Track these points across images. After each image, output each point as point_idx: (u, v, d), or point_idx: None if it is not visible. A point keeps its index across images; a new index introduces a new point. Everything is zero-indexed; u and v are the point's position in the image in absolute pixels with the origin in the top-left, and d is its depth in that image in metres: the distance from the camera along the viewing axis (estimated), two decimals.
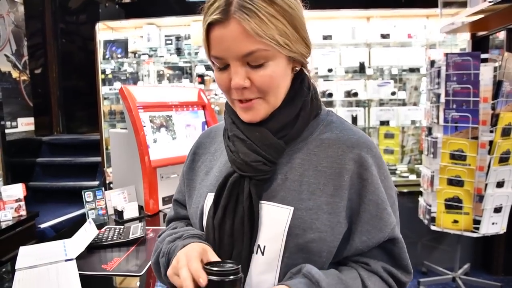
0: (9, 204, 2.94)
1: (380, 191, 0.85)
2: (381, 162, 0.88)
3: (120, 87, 2.18)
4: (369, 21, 4.14)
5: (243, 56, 0.78)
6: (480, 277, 3.37)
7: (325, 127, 0.90)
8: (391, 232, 0.86)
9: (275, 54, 0.79)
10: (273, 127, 0.85)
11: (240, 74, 0.79)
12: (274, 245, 0.83)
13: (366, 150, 0.86)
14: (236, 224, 0.85)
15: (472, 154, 2.85)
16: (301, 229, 0.81)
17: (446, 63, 2.93)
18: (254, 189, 0.84)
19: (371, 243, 0.85)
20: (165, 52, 4.22)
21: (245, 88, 0.80)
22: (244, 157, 0.85)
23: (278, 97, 0.84)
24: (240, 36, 0.76)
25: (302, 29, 0.82)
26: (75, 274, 1.35)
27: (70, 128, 5.46)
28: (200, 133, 1.14)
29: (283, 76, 0.83)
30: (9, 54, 4.37)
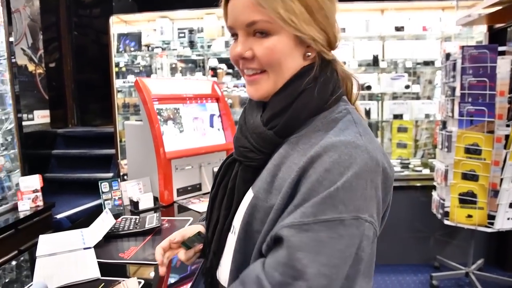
0: (27, 195, 3.00)
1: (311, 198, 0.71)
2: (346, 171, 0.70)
3: (135, 80, 2.20)
4: (383, 14, 4.10)
5: (246, 25, 0.80)
6: (494, 273, 3.34)
7: (324, 125, 0.80)
8: (280, 230, 0.71)
9: (278, 29, 0.78)
10: (265, 116, 0.84)
11: (243, 44, 0.82)
12: (238, 227, 0.85)
13: (331, 153, 0.72)
14: (224, 201, 0.91)
15: (488, 148, 2.83)
16: (253, 217, 0.81)
17: (462, 56, 2.90)
18: (242, 173, 0.88)
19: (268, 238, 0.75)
20: (178, 45, 4.24)
21: (248, 59, 0.82)
22: (236, 142, 0.90)
23: (281, 76, 0.82)
24: (246, 6, 0.78)
25: (318, 14, 0.79)
26: (94, 262, 1.38)
27: (85, 121, 5.53)
28: (208, 126, 1.20)
29: (287, 55, 0.81)
30: (25, 48, 4.42)
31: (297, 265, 0.68)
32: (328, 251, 0.69)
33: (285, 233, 0.70)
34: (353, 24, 3.98)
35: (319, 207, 0.69)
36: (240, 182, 0.87)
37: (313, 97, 0.82)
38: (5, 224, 2.81)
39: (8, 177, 3.19)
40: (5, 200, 3.10)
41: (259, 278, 0.71)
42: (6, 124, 3.24)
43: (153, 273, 1.36)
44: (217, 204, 0.93)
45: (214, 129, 2.42)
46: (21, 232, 2.89)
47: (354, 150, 0.72)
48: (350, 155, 0.71)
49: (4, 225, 2.79)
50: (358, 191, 0.70)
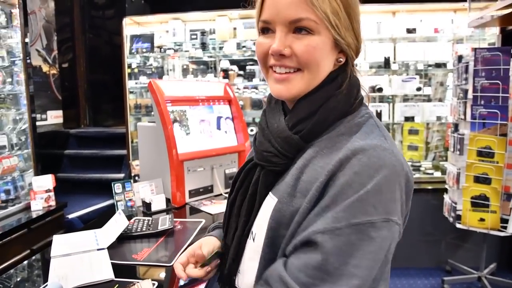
0: (40, 194, 3.04)
1: (341, 201, 0.71)
2: (375, 174, 0.71)
3: (149, 81, 2.22)
4: (394, 16, 4.09)
5: (291, 21, 0.78)
6: (506, 277, 3.31)
7: (347, 129, 0.81)
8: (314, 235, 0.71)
9: (322, 30, 0.78)
10: (290, 121, 0.84)
11: (282, 40, 0.79)
12: (261, 233, 0.84)
13: (360, 156, 0.72)
14: (243, 207, 0.91)
15: (501, 151, 2.80)
16: (277, 222, 0.80)
17: (475, 58, 2.88)
18: (263, 178, 0.86)
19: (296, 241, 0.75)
20: (190, 47, 4.26)
21: (284, 56, 0.80)
22: (259, 146, 0.88)
23: (315, 77, 0.82)
24: (295, 1, 0.77)
25: (355, 20, 0.82)
26: (108, 263, 1.39)
27: (97, 121, 5.58)
28: (215, 128, 1.19)
29: (325, 57, 0.81)
30: (40, 49, 4.49)
31: (329, 268, 0.69)
32: (359, 254, 0.69)
33: (319, 239, 0.70)
34: (364, 26, 3.88)
35: (351, 210, 0.70)
36: (262, 187, 0.86)
37: (340, 102, 0.83)
38: (17, 223, 2.85)
39: (21, 177, 3.23)
40: (18, 200, 3.14)
41: (283, 278, 0.72)
42: (20, 124, 3.29)
43: (159, 276, 1.38)
44: (236, 210, 0.92)
45: (221, 132, 2.41)
46: (33, 231, 2.92)
47: (382, 153, 0.73)
48: (379, 157, 0.72)
49: (17, 225, 2.82)
50: (388, 193, 0.71)
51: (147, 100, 4.48)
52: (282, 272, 0.73)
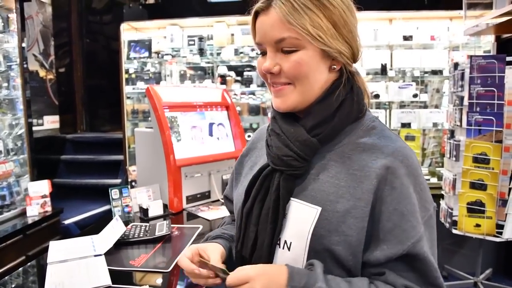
0: (35, 200, 3.03)
1: (408, 202, 0.82)
2: (417, 173, 0.85)
3: (146, 87, 2.23)
4: (391, 23, 4.12)
5: (275, 42, 0.84)
6: (502, 283, 3.31)
7: (364, 132, 0.89)
8: (413, 247, 0.80)
9: (306, 44, 0.82)
10: (307, 124, 0.87)
11: (271, 59, 0.86)
12: (300, 242, 0.85)
13: (401, 158, 0.84)
14: (263, 215, 0.90)
15: (496, 158, 2.82)
16: (326, 230, 0.83)
17: (470, 65, 2.90)
18: (284, 183, 0.88)
19: (390, 254, 0.81)
20: (187, 53, 4.27)
21: (275, 73, 0.86)
22: (277, 151, 0.89)
23: (308, 89, 0.86)
24: (275, 23, 0.82)
25: (343, 28, 0.84)
26: (105, 269, 1.39)
27: (94, 126, 5.57)
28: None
29: (314, 68, 0.84)
30: (37, 54, 4.49)
31: (432, 266, 0.82)
32: (433, 243, 0.85)
33: (418, 248, 0.81)
34: (361, 33, 3.89)
35: (422, 210, 0.84)
36: (284, 192, 0.87)
37: (353, 107, 0.89)
38: (13, 229, 2.83)
39: (17, 182, 3.21)
40: (14, 205, 3.12)
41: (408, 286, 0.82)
42: (16, 129, 3.28)
43: (156, 282, 1.37)
44: (254, 219, 0.91)
45: (213, 138, 2.39)
46: (29, 237, 2.91)
47: (412, 153, 0.87)
48: (412, 158, 0.86)
49: (12, 231, 2.81)
50: (427, 186, 0.87)
51: (144, 106, 4.48)
52: (405, 281, 0.82)
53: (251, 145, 1.13)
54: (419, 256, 0.81)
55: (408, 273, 0.82)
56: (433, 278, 0.82)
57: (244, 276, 0.80)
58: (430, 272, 0.82)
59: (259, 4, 0.85)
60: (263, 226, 0.89)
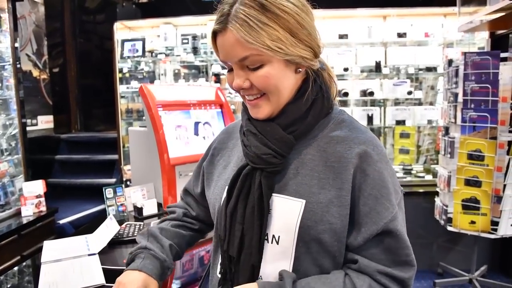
0: (30, 200, 3.01)
1: (381, 186, 0.87)
2: (387, 160, 0.92)
3: (140, 86, 2.21)
4: (385, 20, 4.12)
5: (239, 60, 0.86)
6: (497, 279, 3.34)
7: (336, 126, 0.94)
8: (386, 225, 0.86)
9: (269, 58, 0.85)
10: (282, 123, 0.91)
11: (240, 76, 0.88)
12: (288, 235, 0.89)
13: (372, 147, 0.90)
14: (247, 213, 0.91)
15: (490, 155, 2.83)
16: (312, 221, 0.87)
17: (465, 62, 2.90)
18: (265, 180, 0.90)
19: (367, 235, 0.86)
20: (181, 51, 4.26)
21: (247, 88, 0.89)
22: (256, 150, 0.91)
23: (280, 97, 0.89)
24: (234, 44, 0.84)
25: (301, 33, 0.85)
26: (99, 268, 1.38)
27: (88, 126, 5.55)
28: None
29: (281, 78, 0.87)
30: (30, 54, 4.46)
31: (408, 244, 0.89)
32: (404, 223, 0.91)
33: (392, 226, 0.86)
34: (355, 30, 4.00)
35: (393, 194, 0.89)
36: (266, 189, 0.90)
37: (323, 104, 0.94)
38: (8, 229, 2.82)
39: (12, 182, 3.19)
40: (8, 206, 3.10)
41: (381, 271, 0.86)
42: (10, 129, 3.26)
43: None
44: (239, 218, 0.92)
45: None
46: (24, 237, 2.89)
47: (379, 142, 0.93)
48: (381, 146, 0.92)
49: (7, 231, 2.79)
50: (395, 173, 0.93)
51: (138, 105, 4.47)
52: (377, 266, 0.86)
53: (221, 145, 1.13)
54: (393, 233, 0.86)
55: (380, 255, 0.87)
56: (405, 255, 0.88)
57: None
58: (402, 250, 0.88)
59: (215, 26, 0.87)
60: (249, 223, 0.90)
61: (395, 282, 0.87)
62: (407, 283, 0.88)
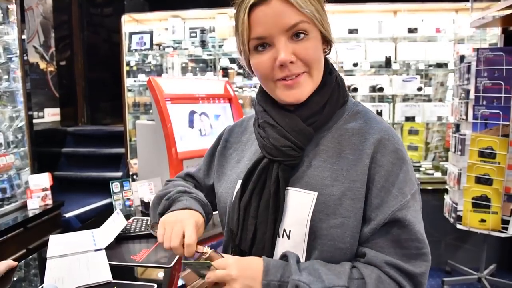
0: (36, 193, 3.01)
1: (394, 178, 0.84)
2: (403, 151, 0.88)
3: (148, 79, 2.19)
4: (396, 15, 4.07)
5: (288, 28, 0.82)
6: (506, 278, 3.29)
7: (350, 117, 0.92)
8: (394, 213, 0.82)
9: (313, 29, 0.84)
10: (303, 114, 0.88)
11: (285, 50, 0.82)
12: (299, 229, 0.86)
13: (387, 137, 0.87)
14: (261, 207, 0.89)
15: (502, 152, 2.78)
16: (324, 214, 0.84)
17: (477, 58, 2.85)
18: (282, 173, 0.88)
19: (374, 225, 0.83)
20: (189, 45, 4.23)
21: (292, 63, 0.83)
22: (274, 142, 0.88)
23: (320, 73, 0.89)
24: (284, 10, 0.81)
25: (325, 15, 0.88)
26: (105, 264, 1.36)
27: (95, 119, 5.55)
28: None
29: (320, 52, 0.88)
30: (37, 46, 4.45)
31: (419, 236, 0.83)
32: (420, 216, 0.87)
33: (400, 215, 0.82)
34: (365, 25, 3.95)
35: (406, 184, 0.85)
36: (283, 183, 0.87)
37: (340, 94, 0.92)
38: (14, 222, 2.82)
39: (18, 175, 3.19)
40: (14, 198, 3.10)
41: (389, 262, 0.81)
42: (16, 122, 3.25)
43: (158, 276, 1.34)
44: (253, 212, 0.90)
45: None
46: (30, 230, 2.89)
47: (395, 132, 0.89)
48: (397, 136, 0.88)
49: (13, 224, 2.79)
50: (411, 164, 0.89)
51: (145, 98, 4.45)
52: (385, 257, 0.82)
53: (234, 139, 1.10)
54: (401, 222, 0.82)
55: (389, 248, 0.83)
56: (415, 248, 0.83)
57: (225, 276, 0.79)
58: (411, 242, 0.82)
59: None
60: (263, 218, 0.88)
61: (406, 277, 0.81)
62: (419, 280, 0.82)
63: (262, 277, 0.79)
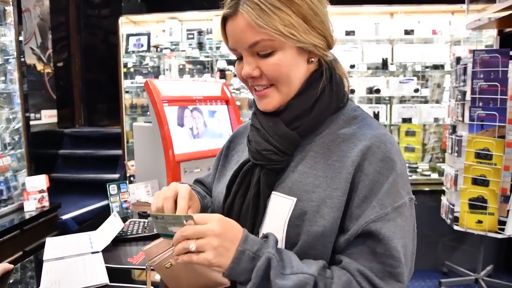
0: (33, 195, 3.00)
1: (378, 189, 0.79)
2: (394, 160, 0.81)
3: (145, 81, 2.19)
4: (392, 17, 4.08)
5: (249, 46, 0.82)
6: (503, 279, 3.30)
7: (345, 122, 0.88)
8: (367, 225, 0.77)
9: (281, 44, 0.81)
10: (286, 118, 0.86)
11: (249, 64, 0.84)
12: (277, 234, 0.83)
13: (378, 144, 0.81)
14: (243, 210, 0.89)
15: (499, 154, 2.80)
16: (301, 220, 0.82)
17: (473, 60, 2.87)
18: (264, 177, 0.87)
19: (348, 236, 0.79)
20: (186, 47, 4.22)
21: (256, 77, 0.84)
22: (257, 146, 0.89)
23: (290, 87, 0.85)
24: (245, 28, 0.80)
25: (314, 20, 0.82)
26: (102, 267, 1.36)
27: (92, 121, 5.53)
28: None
29: (293, 66, 0.84)
30: (34, 47, 4.44)
31: (394, 253, 0.77)
32: (405, 233, 0.80)
33: (374, 227, 0.77)
34: (362, 27, 3.96)
35: (390, 196, 0.79)
36: (264, 187, 0.87)
37: (332, 98, 0.88)
38: (10, 224, 2.81)
39: (15, 177, 3.18)
40: (11, 200, 3.09)
41: (362, 271, 0.77)
42: (13, 124, 3.24)
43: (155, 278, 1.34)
44: (235, 214, 0.90)
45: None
46: (26, 232, 2.88)
47: (392, 140, 0.84)
48: (392, 144, 0.83)
49: (9, 226, 2.78)
50: (405, 175, 0.83)
51: (143, 100, 4.45)
52: (359, 266, 0.78)
53: (237, 140, 1.11)
54: (374, 236, 0.77)
55: (364, 261, 0.78)
56: (390, 266, 0.77)
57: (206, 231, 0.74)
58: (386, 258, 0.77)
59: (225, 10, 0.83)
60: (243, 221, 0.88)
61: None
62: None
63: (239, 243, 0.75)
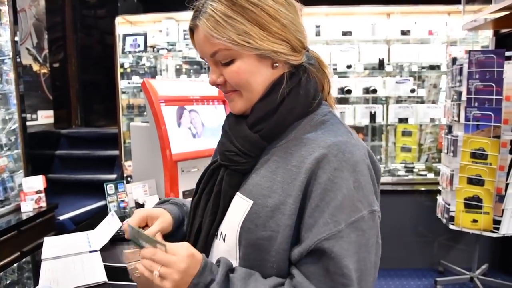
0: (30, 196, 2.99)
1: (331, 198, 0.77)
2: (353, 169, 0.79)
3: (142, 81, 2.19)
4: (389, 17, 4.09)
5: (210, 56, 0.86)
6: (498, 278, 3.33)
7: (312, 127, 0.87)
8: (319, 242, 0.76)
9: (239, 52, 0.83)
10: (249, 121, 0.88)
11: (214, 72, 0.88)
12: (232, 234, 0.86)
13: (335, 152, 0.79)
14: (207, 208, 0.92)
15: (494, 153, 2.81)
16: (254, 224, 0.83)
17: (469, 60, 2.89)
18: (227, 177, 0.90)
19: (301, 250, 0.78)
20: (183, 47, 4.22)
21: (221, 84, 0.88)
22: (221, 146, 0.92)
23: (253, 92, 0.87)
24: (204, 40, 0.84)
25: (272, 26, 0.82)
26: (100, 265, 1.36)
27: (89, 121, 5.52)
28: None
29: (254, 73, 0.85)
30: (30, 48, 4.42)
31: (345, 271, 0.75)
32: (358, 248, 0.77)
33: (326, 245, 0.76)
34: (359, 27, 3.97)
35: (344, 211, 0.77)
36: (226, 187, 0.89)
37: (298, 102, 0.87)
38: (7, 225, 2.80)
39: (11, 178, 3.17)
40: (8, 201, 3.08)
41: None
42: (10, 124, 3.23)
43: None
44: (200, 211, 0.94)
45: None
46: (23, 233, 2.87)
47: (353, 148, 0.81)
48: (352, 153, 0.80)
49: (6, 227, 2.77)
50: (366, 186, 0.80)
51: (139, 100, 4.44)
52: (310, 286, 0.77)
53: None
54: (326, 254, 0.76)
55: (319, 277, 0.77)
56: (341, 284, 0.76)
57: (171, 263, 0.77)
58: (337, 277, 0.76)
59: (190, 22, 0.87)
60: (206, 218, 0.91)
61: None
62: None
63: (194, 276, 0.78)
